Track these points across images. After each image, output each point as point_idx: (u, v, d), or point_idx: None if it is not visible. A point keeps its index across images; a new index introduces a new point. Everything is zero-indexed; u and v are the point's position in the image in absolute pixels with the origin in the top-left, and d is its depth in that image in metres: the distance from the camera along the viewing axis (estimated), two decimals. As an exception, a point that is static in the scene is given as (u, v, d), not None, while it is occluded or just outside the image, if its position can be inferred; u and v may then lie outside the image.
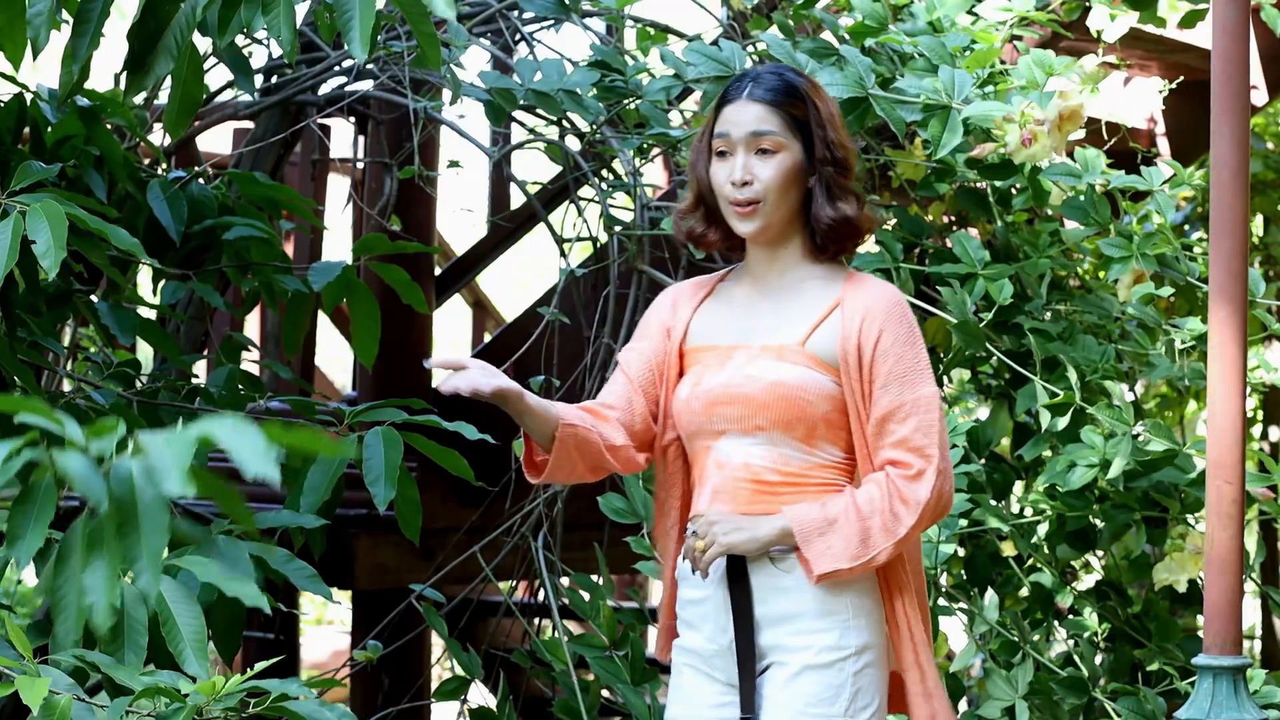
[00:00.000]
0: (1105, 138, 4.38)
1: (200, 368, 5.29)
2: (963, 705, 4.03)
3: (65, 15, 3.45)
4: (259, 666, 2.57)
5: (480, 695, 4.56)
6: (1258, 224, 7.18)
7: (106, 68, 4.01)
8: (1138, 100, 6.50)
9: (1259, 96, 6.05)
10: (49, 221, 3.14)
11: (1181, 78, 4.79)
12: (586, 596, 4.12)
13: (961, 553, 4.18)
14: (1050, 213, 4.30)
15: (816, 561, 2.87)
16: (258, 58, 4.54)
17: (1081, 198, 4.03)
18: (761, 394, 2.91)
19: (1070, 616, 4.21)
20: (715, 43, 4.29)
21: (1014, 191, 4.17)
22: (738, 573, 2.92)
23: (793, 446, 2.93)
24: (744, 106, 2.95)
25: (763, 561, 2.92)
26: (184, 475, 2.41)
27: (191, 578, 2.94)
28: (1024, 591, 4.23)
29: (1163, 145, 6.45)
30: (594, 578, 4.26)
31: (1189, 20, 4.92)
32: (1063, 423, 3.91)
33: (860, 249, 4.28)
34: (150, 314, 4.16)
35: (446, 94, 4.40)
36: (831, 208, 2.96)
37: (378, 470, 3.59)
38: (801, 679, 2.89)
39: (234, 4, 3.14)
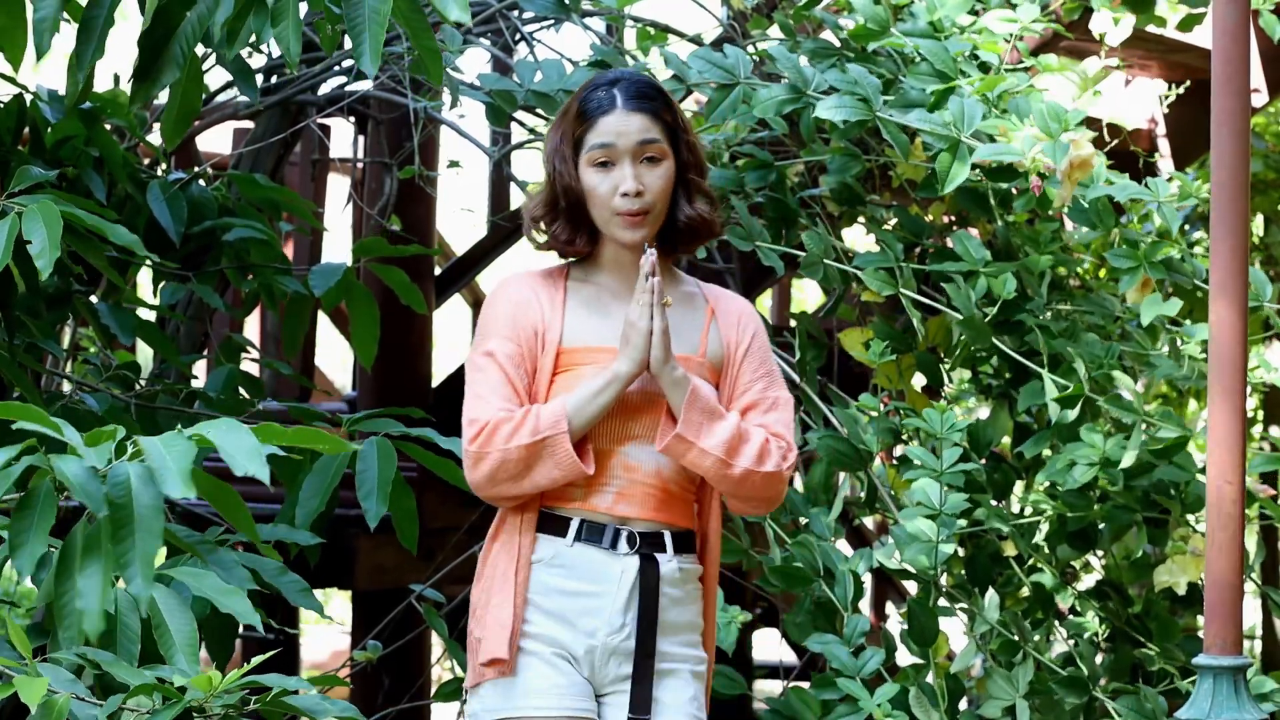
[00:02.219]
0: (1106, 140, 4.37)
1: (200, 368, 5.29)
2: (963, 705, 4.02)
3: (66, 16, 3.45)
4: (256, 660, 2.57)
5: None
6: (1258, 224, 7.18)
7: (106, 68, 4.01)
8: (1138, 100, 6.51)
9: (1259, 96, 6.05)
10: (44, 221, 3.13)
11: (1186, 83, 4.79)
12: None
13: (961, 553, 4.18)
14: (1051, 212, 4.30)
15: (685, 427, 2.92)
16: (257, 59, 4.53)
17: (1085, 204, 4.03)
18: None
19: (1071, 616, 4.21)
20: (719, 46, 4.29)
21: (1015, 192, 4.17)
22: (650, 578, 2.96)
23: None
24: (627, 117, 2.96)
25: (672, 570, 2.98)
26: (186, 477, 2.42)
27: (185, 586, 2.93)
28: (1024, 591, 4.23)
29: (1163, 145, 6.45)
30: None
31: (1187, 24, 4.92)
32: (1072, 415, 3.90)
33: (861, 249, 4.28)
34: (150, 315, 4.16)
35: (447, 94, 4.40)
36: (692, 208, 3.02)
37: (370, 485, 3.61)
38: (690, 685, 3.00)
39: (243, 15, 3.15)
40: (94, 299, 3.95)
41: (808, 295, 10.14)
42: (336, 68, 4.73)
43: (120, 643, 2.76)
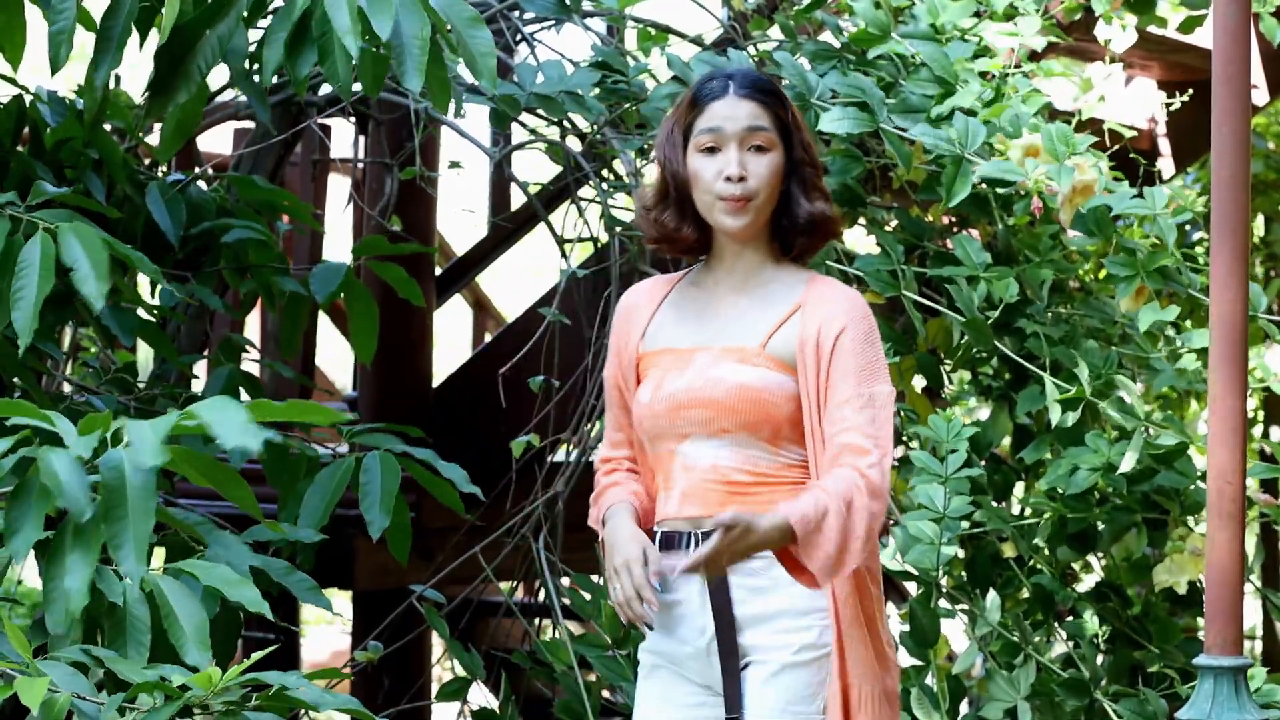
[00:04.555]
0: (1107, 144, 4.37)
1: (200, 368, 5.29)
2: (964, 707, 4.02)
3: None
4: (256, 656, 2.57)
5: (480, 696, 4.56)
6: (1259, 224, 7.18)
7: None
8: (1139, 100, 6.50)
9: (1259, 95, 6.05)
10: (84, 246, 3.15)
11: (1189, 93, 4.79)
12: (587, 596, 4.12)
13: (962, 554, 4.18)
14: (1051, 217, 4.30)
15: (810, 563, 2.84)
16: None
17: (1085, 212, 4.02)
18: (727, 397, 2.93)
19: (1071, 618, 4.20)
20: (722, 49, 4.29)
21: (1016, 194, 4.17)
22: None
23: (760, 448, 2.95)
24: (736, 103, 2.96)
25: (742, 563, 2.90)
26: (160, 447, 2.44)
27: (194, 581, 2.93)
28: (1025, 593, 4.23)
29: (1163, 145, 6.45)
30: (594, 578, 4.26)
31: (1188, 26, 4.91)
32: (1073, 418, 3.90)
33: (861, 249, 4.28)
34: (150, 315, 4.15)
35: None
36: (811, 204, 2.99)
37: (374, 498, 3.64)
38: (782, 677, 2.91)
39: (279, 44, 3.21)
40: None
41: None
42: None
43: (130, 634, 2.76)
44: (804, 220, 2.99)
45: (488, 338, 7.19)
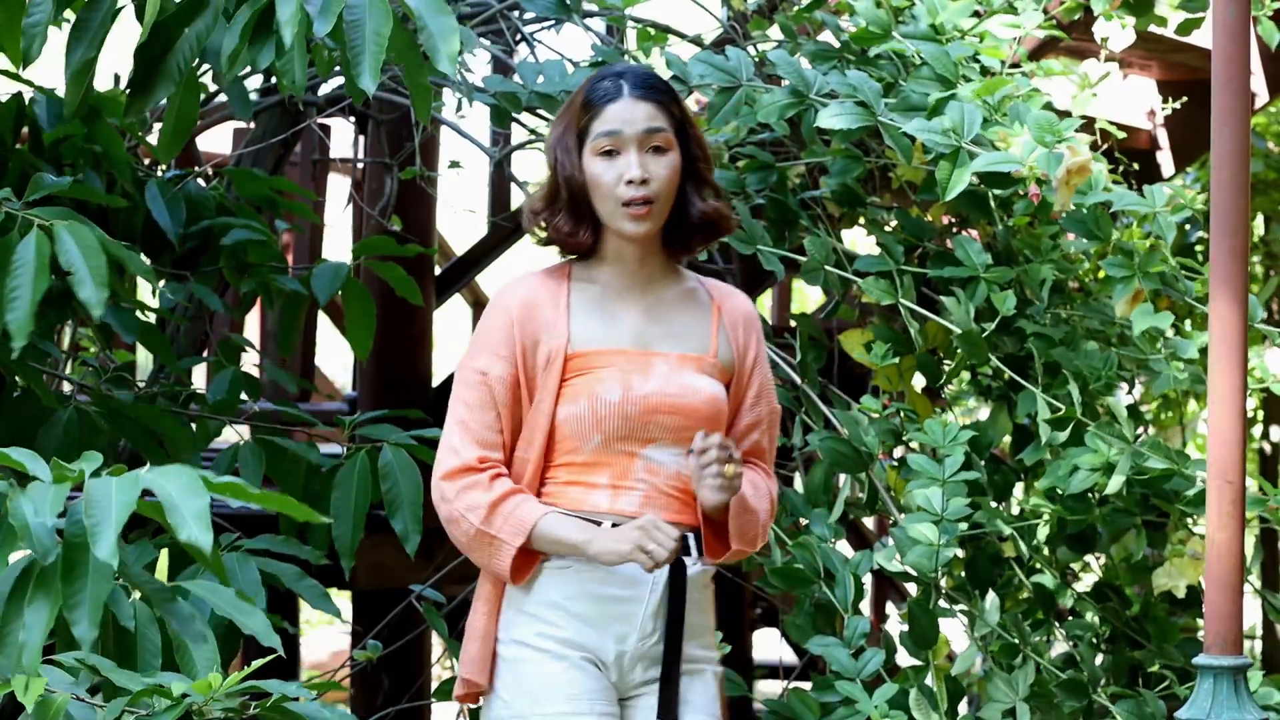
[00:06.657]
0: (1102, 143, 4.37)
1: (200, 369, 5.29)
2: (963, 707, 4.03)
3: (68, 15, 3.45)
4: (256, 664, 2.56)
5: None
6: (1259, 223, 7.18)
7: (107, 67, 4.01)
8: (1138, 100, 6.50)
9: (1259, 88, 6.04)
10: (81, 248, 3.11)
11: (1185, 99, 4.79)
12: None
13: (961, 555, 4.18)
14: (1051, 215, 4.30)
15: (735, 538, 2.95)
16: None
17: (1084, 211, 4.02)
18: (703, 406, 2.94)
19: (1070, 618, 4.20)
20: (719, 47, 4.29)
21: (1017, 195, 4.17)
22: (680, 582, 2.92)
23: None
24: (633, 105, 2.92)
25: (697, 572, 2.95)
26: (114, 542, 2.38)
27: (203, 602, 2.91)
28: (1024, 593, 4.23)
29: (1163, 145, 6.45)
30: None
31: (1185, 29, 4.91)
32: (1062, 437, 3.92)
33: (862, 249, 4.28)
34: (149, 316, 4.15)
35: (447, 94, 4.39)
36: (704, 201, 2.98)
37: (403, 510, 3.66)
38: (713, 683, 3.00)
39: (247, 45, 3.17)
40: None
41: (808, 293, 10.13)
42: (337, 68, 4.72)
43: (141, 657, 2.72)
44: (699, 219, 2.98)
45: (487, 337, 7.17)
